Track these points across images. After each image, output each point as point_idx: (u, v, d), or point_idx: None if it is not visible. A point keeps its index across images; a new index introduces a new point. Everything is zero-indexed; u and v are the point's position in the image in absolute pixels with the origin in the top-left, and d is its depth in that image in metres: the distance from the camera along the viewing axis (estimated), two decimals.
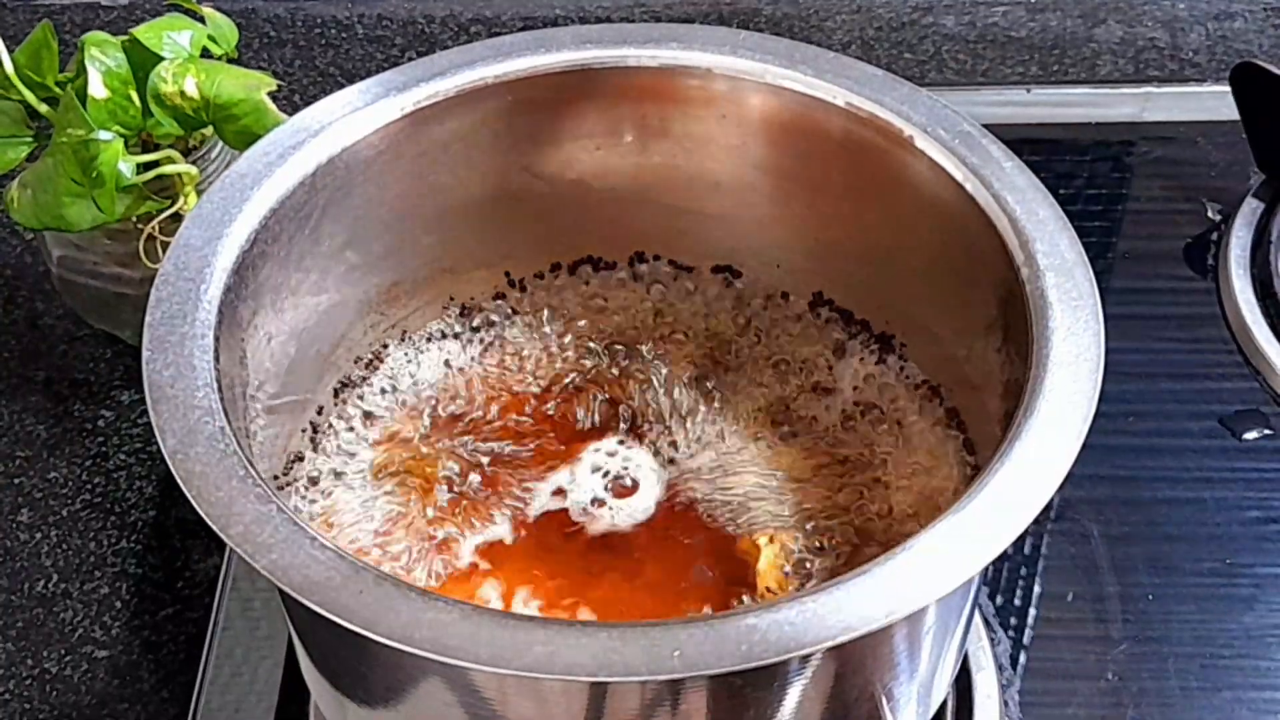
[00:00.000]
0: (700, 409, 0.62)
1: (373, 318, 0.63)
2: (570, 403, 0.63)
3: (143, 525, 0.73)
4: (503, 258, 0.66)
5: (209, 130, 0.71)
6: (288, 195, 0.56)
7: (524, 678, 0.43)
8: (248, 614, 0.68)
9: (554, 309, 0.66)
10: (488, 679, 0.46)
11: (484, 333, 0.65)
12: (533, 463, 0.60)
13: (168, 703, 0.66)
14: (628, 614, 0.55)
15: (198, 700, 0.65)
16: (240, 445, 0.48)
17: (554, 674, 0.42)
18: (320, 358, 0.61)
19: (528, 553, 0.57)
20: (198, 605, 0.69)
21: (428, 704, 0.48)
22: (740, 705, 0.47)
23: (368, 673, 0.50)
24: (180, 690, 0.66)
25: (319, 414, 0.61)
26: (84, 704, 0.66)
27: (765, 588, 0.56)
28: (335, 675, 0.53)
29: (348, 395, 0.62)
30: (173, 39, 0.71)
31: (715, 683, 0.45)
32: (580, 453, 0.61)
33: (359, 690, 0.52)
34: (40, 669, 0.67)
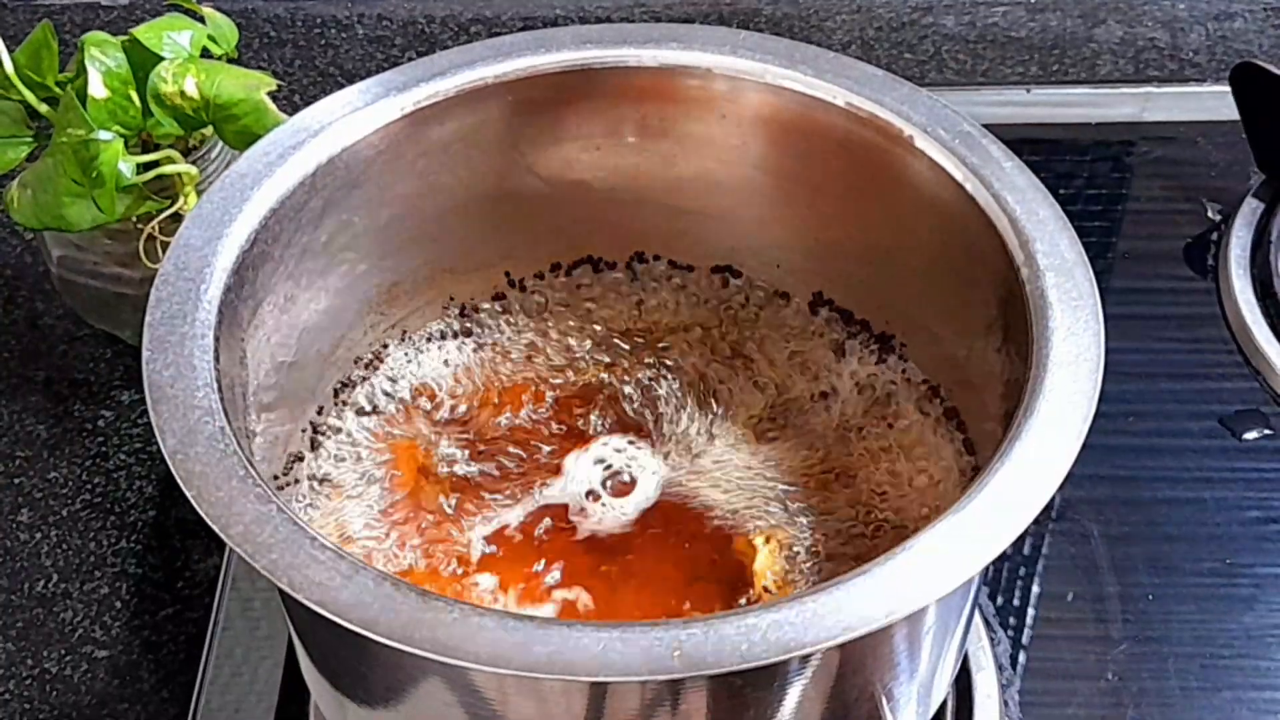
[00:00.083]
0: (699, 408, 0.62)
1: (373, 318, 0.63)
2: (569, 402, 0.63)
3: (143, 525, 0.73)
4: (503, 258, 0.66)
5: (209, 130, 0.71)
6: (288, 195, 0.56)
7: (524, 678, 0.43)
8: (248, 614, 0.68)
9: (554, 309, 0.66)
10: (488, 679, 0.46)
11: (484, 333, 0.65)
12: (532, 462, 0.60)
13: (168, 703, 0.66)
14: (625, 613, 0.55)
15: (198, 700, 0.65)
16: (240, 445, 0.48)
17: (554, 674, 0.42)
18: (320, 358, 0.61)
19: (527, 552, 0.57)
20: (198, 605, 0.69)
21: (428, 704, 0.48)
22: (740, 705, 0.47)
23: (368, 673, 0.50)
24: (180, 690, 0.66)
25: (319, 414, 0.61)
26: (84, 704, 0.66)
27: (762, 587, 0.56)
28: (335, 675, 0.53)
29: (348, 395, 0.62)
30: (173, 39, 0.71)
31: (715, 683, 0.45)
32: (579, 452, 0.61)
33: (359, 690, 0.52)
34: (40, 669, 0.67)
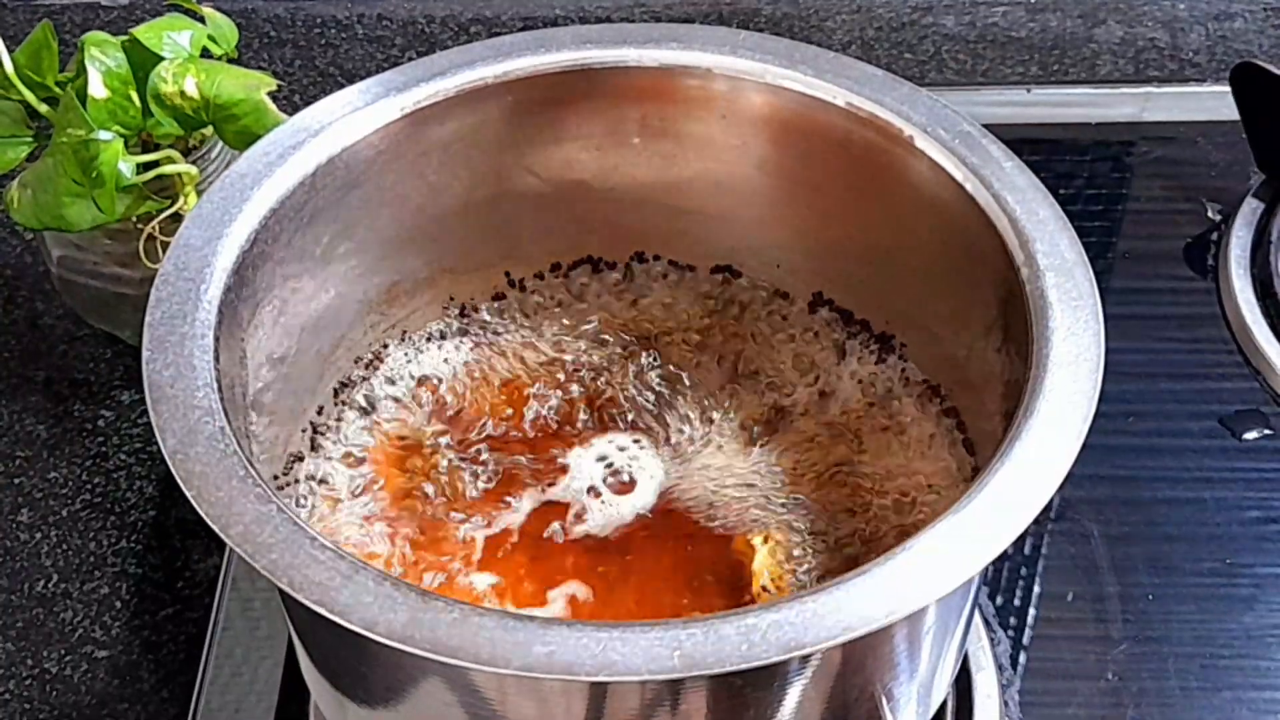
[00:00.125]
0: (699, 408, 0.62)
1: (373, 318, 0.63)
2: (569, 402, 0.63)
3: (143, 525, 0.73)
4: (503, 258, 0.66)
5: (209, 130, 0.71)
6: (288, 195, 0.56)
7: (524, 678, 0.43)
8: (248, 614, 0.68)
9: (554, 309, 0.66)
10: (488, 679, 0.46)
11: (484, 333, 0.65)
12: (532, 462, 0.60)
13: (168, 703, 0.66)
14: (624, 613, 0.55)
15: (198, 700, 0.65)
16: (240, 445, 0.48)
17: (554, 674, 0.42)
18: (320, 358, 0.61)
19: (527, 551, 0.57)
20: (198, 605, 0.69)
21: (428, 704, 0.48)
22: (740, 705, 0.47)
23: (368, 673, 0.50)
24: (180, 690, 0.66)
25: (319, 414, 0.61)
26: (84, 704, 0.66)
27: (760, 587, 0.56)
28: (335, 675, 0.53)
29: (348, 395, 0.62)
30: (173, 39, 0.71)
31: (715, 683, 0.45)
32: (579, 452, 0.61)
33: (359, 690, 0.52)
34: (40, 669, 0.67)
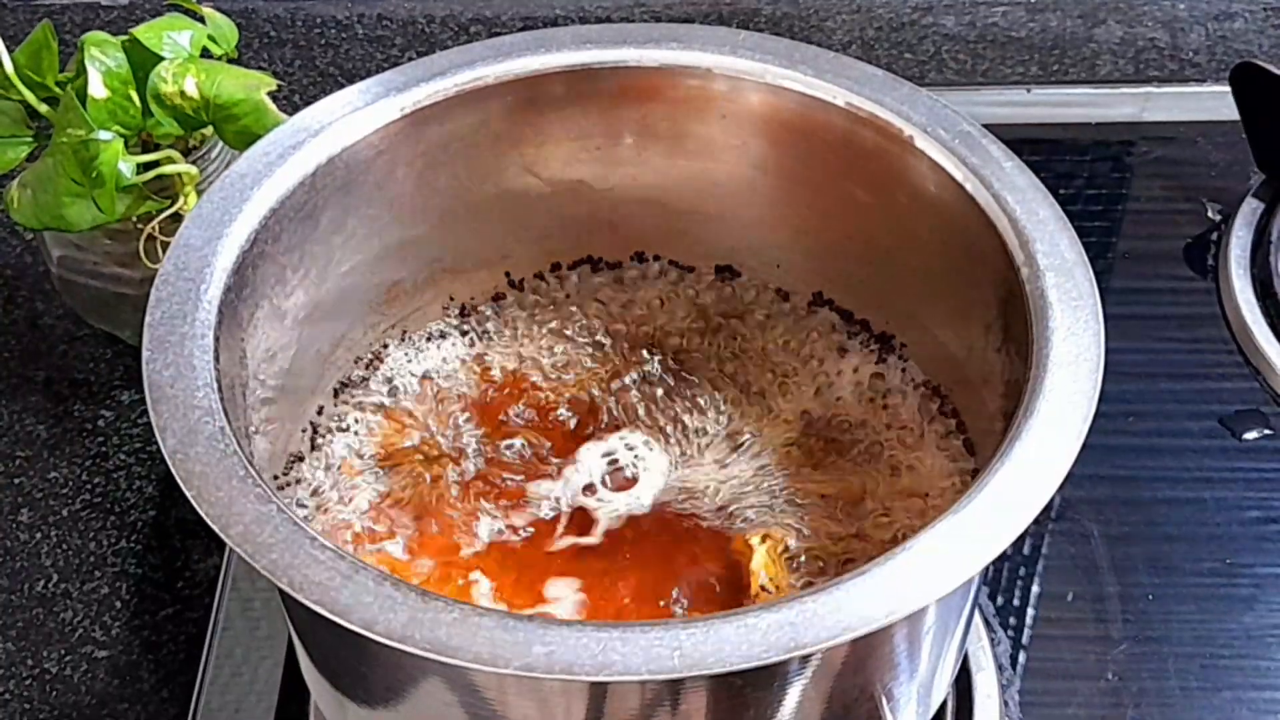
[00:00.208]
0: (698, 407, 0.62)
1: (373, 318, 0.63)
2: (569, 402, 0.63)
3: (143, 525, 0.73)
4: (503, 258, 0.66)
5: (209, 130, 0.71)
6: (288, 195, 0.56)
7: (524, 678, 0.43)
8: (248, 614, 0.68)
9: (554, 309, 0.66)
10: (488, 679, 0.46)
11: (484, 333, 0.65)
12: (531, 462, 0.60)
13: (168, 703, 0.66)
14: (623, 612, 0.55)
15: (198, 700, 0.65)
16: (240, 445, 0.48)
17: (554, 674, 0.42)
18: (320, 358, 0.61)
19: (527, 549, 0.57)
20: (198, 605, 0.69)
21: (428, 704, 0.48)
22: (740, 705, 0.47)
23: (368, 673, 0.50)
24: (180, 690, 0.66)
25: (319, 414, 0.61)
26: (84, 704, 0.66)
27: (759, 587, 0.56)
28: (335, 675, 0.53)
29: (348, 395, 0.62)
30: (173, 39, 0.71)
31: (715, 683, 0.45)
32: (578, 451, 0.61)
33: (359, 690, 0.52)
34: (40, 669, 0.67)
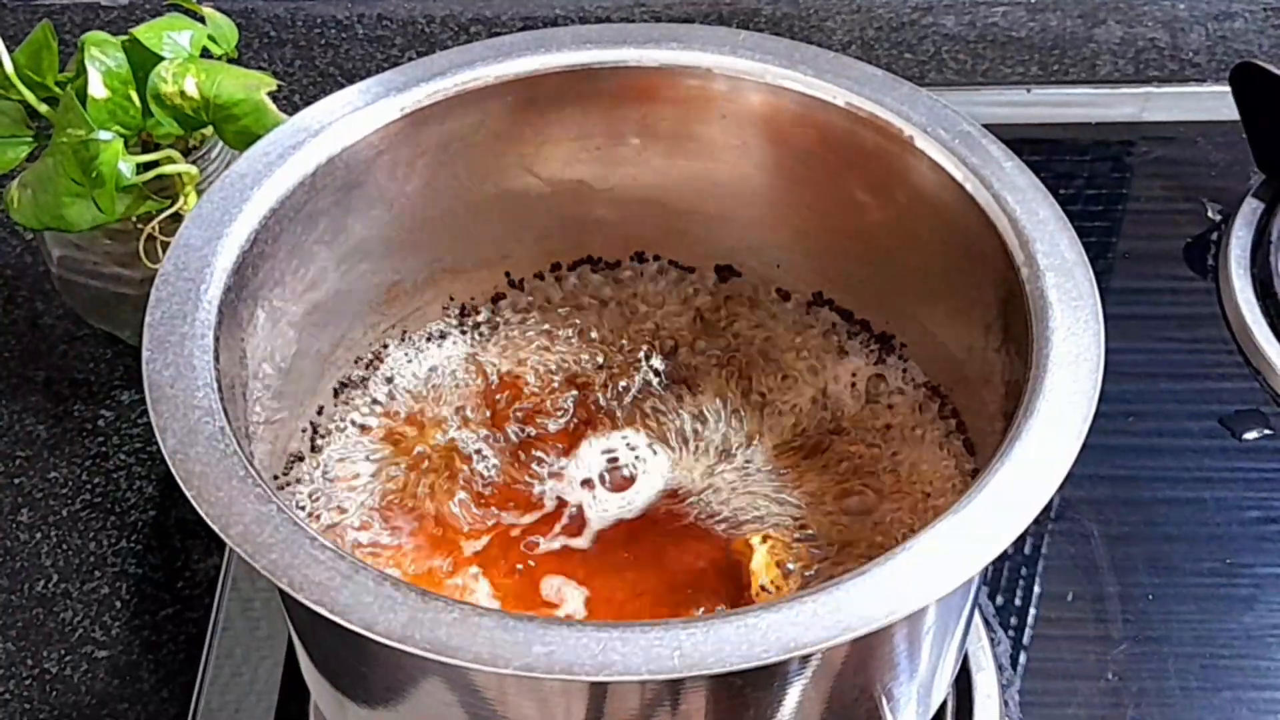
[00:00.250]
0: (698, 408, 0.62)
1: (373, 318, 0.63)
2: (568, 402, 0.63)
3: (143, 525, 0.73)
4: (503, 258, 0.66)
5: (209, 130, 0.71)
6: (288, 195, 0.56)
7: (524, 678, 0.43)
8: (248, 614, 0.68)
9: (554, 309, 0.66)
10: (488, 679, 0.46)
11: (484, 333, 0.65)
12: (531, 462, 0.60)
13: (168, 703, 0.66)
14: (623, 612, 0.55)
15: (198, 700, 0.65)
16: (240, 445, 0.48)
17: (554, 674, 0.42)
18: (320, 358, 0.61)
19: (527, 549, 0.57)
20: (198, 605, 0.69)
21: (428, 704, 0.48)
22: (740, 705, 0.47)
23: (368, 673, 0.50)
24: (180, 690, 0.66)
25: (319, 414, 0.61)
26: (84, 704, 0.66)
27: (759, 587, 0.56)
28: (335, 675, 0.53)
29: (348, 395, 0.62)
30: (173, 39, 0.71)
31: (715, 683, 0.45)
32: (578, 451, 0.61)
33: (359, 690, 0.52)
34: (40, 669, 0.67)
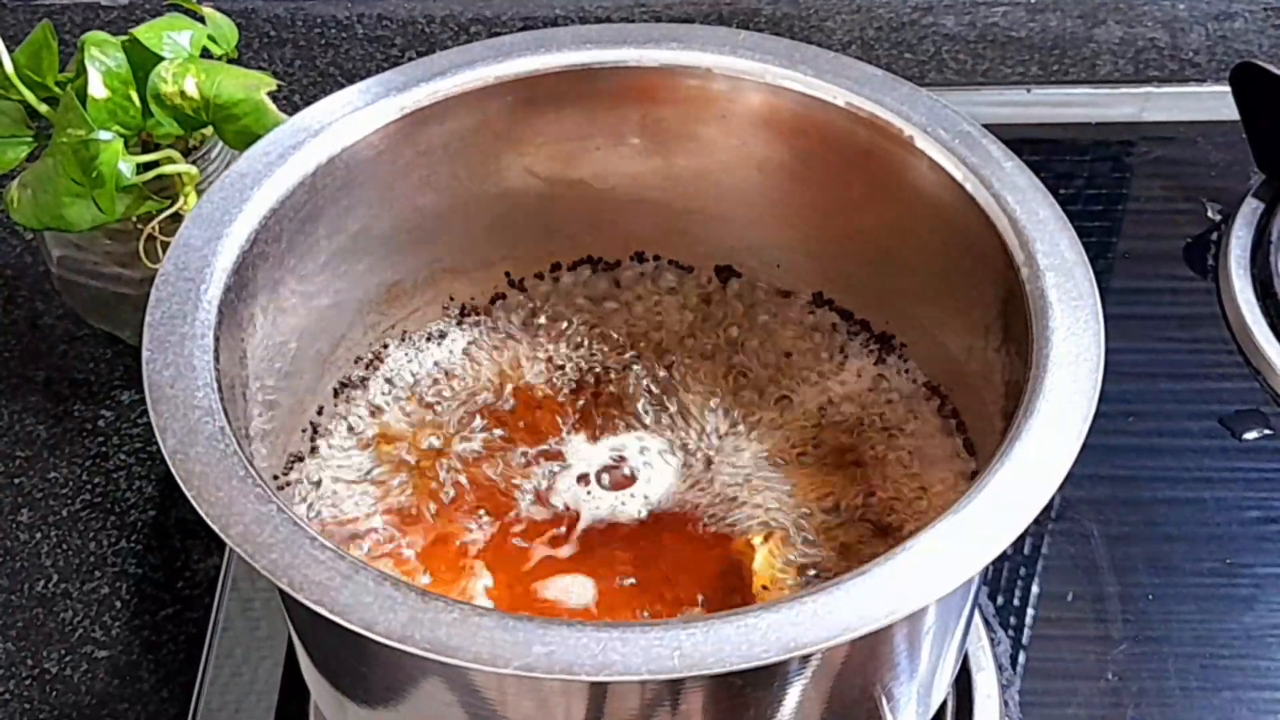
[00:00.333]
0: (697, 408, 0.62)
1: (373, 318, 0.63)
2: (569, 402, 0.63)
3: (143, 525, 0.73)
4: (503, 258, 0.66)
5: (209, 130, 0.71)
6: (288, 195, 0.56)
7: (524, 678, 0.43)
8: (248, 614, 0.68)
9: (554, 309, 0.66)
10: (487, 679, 0.46)
11: (484, 333, 0.65)
12: (531, 462, 0.60)
13: (168, 703, 0.66)
14: (624, 612, 0.55)
15: (198, 700, 0.65)
16: (240, 445, 0.48)
17: (554, 674, 0.42)
18: (320, 358, 0.61)
19: (527, 549, 0.57)
20: (198, 605, 0.69)
21: (428, 704, 0.48)
22: (740, 705, 0.47)
23: (368, 673, 0.50)
24: (180, 690, 0.66)
25: (319, 414, 0.61)
26: (84, 704, 0.66)
27: (760, 586, 0.56)
28: (335, 675, 0.53)
29: (348, 395, 0.62)
30: (173, 39, 0.71)
31: (715, 683, 0.45)
32: (578, 451, 0.61)
33: (359, 690, 0.52)
34: (40, 669, 0.67)
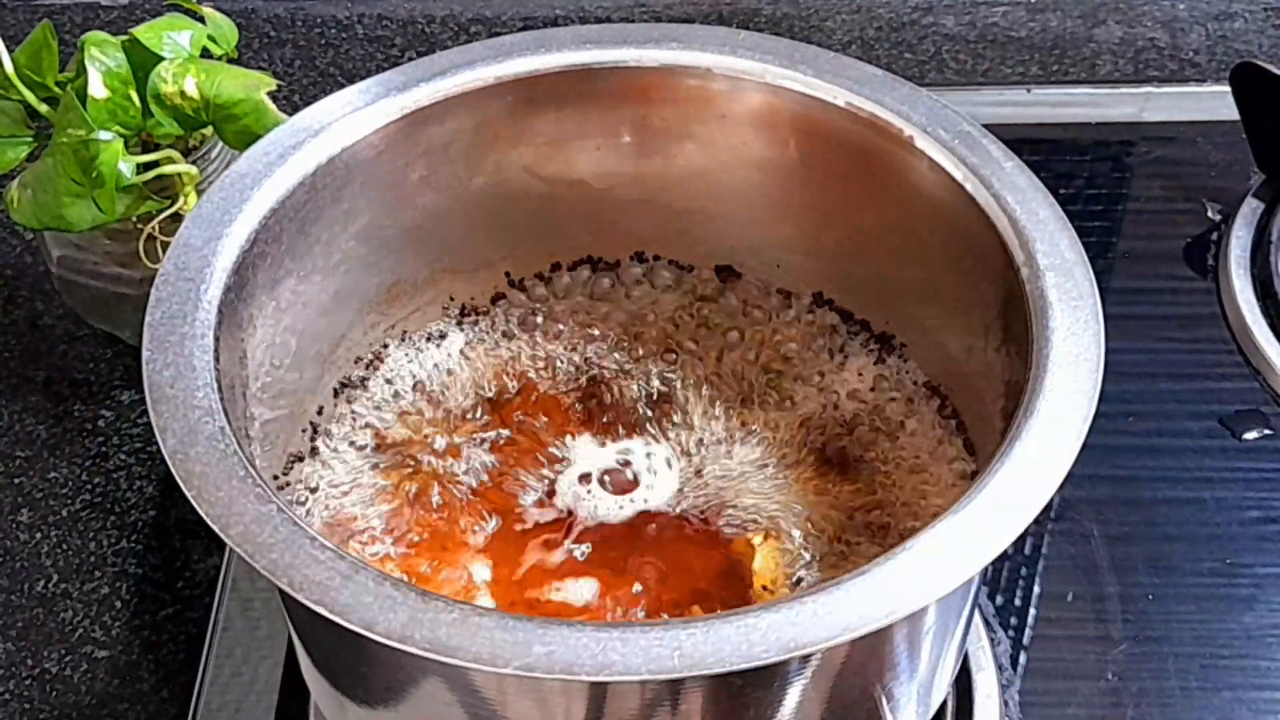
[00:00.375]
0: (698, 408, 0.62)
1: (373, 318, 0.63)
2: (569, 402, 0.63)
3: (143, 525, 0.73)
4: (503, 258, 0.66)
5: (209, 130, 0.71)
6: (288, 195, 0.56)
7: (524, 678, 0.43)
8: (248, 614, 0.68)
9: (554, 309, 0.66)
10: (487, 679, 0.46)
11: (484, 333, 0.65)
12: (531, 462, 0.60)
13: (168, 703, 0.66)
14: (620, 611, 0.55)
15: (198, 700, 0.65)
16: (240, 445, 0.48)
17: (554, 674, 0.42)
18: (320, 358, 0.61)
19: (527, 549, 0.57)
20: (198, 605, 0.69)
21: (428, 704, 0.48)
22: (740, 705, 0.47)
23: (368, 673, 0.50)
24: (180, 690, 0.66)
25: (319, 414, 0.61)
26: (84, 704, 0.66)
27: (761, 586, 0.56)
28: (335, 675, 0.53)
29: (348, 395, 0.62)
30: (173, 39, 0.71)
31: (715, 683, 0.45)
32: (578, 451, 0.61)
33: (359, 690, 0.52)
34: (40, 669, 0.67)
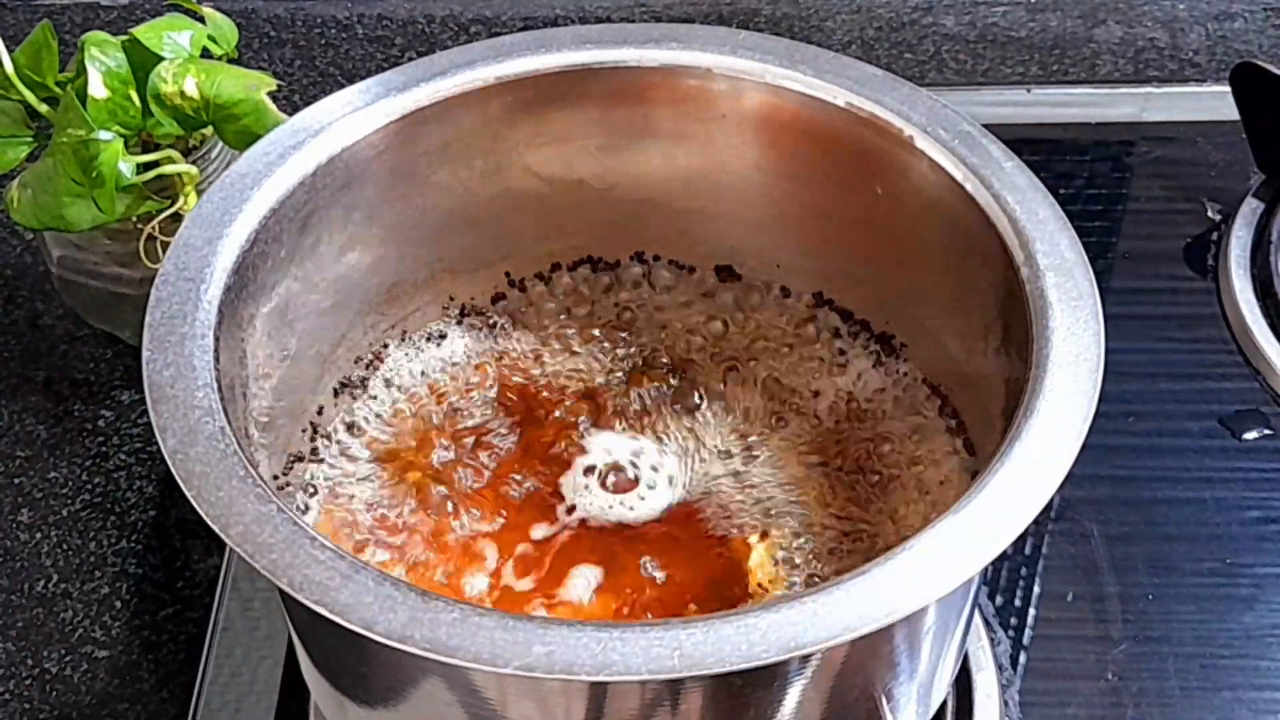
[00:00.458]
0: (697, 408, 0.62)
1: (373, 318, 0.63)
2: (569, 402, 0.63)
3: (143, 525, 0.73)
4: (503, 258, 0.66)
5: (209, 130, 0.71)
6: (288, 195, 0.56)
7: (524, 678, 0.43)
8: (248, 614, 0.68)
9: (554, 309, 0.66)
10: (487, 679, 0.46)
11: (484, 333, 0.65)
12: (531, 462, 0.60)
13: (168, 703, 0.66)
14: (620, 611, 0.55)
15: (198, 700, 0.65)
16: (240, 445, 0.48)
17: (554, 674, 0.42)
18: (320, 358, 0.61)
19: (526, 549, 0.57)
20: (198, 605, 0.69)
21: (428, 704, 0.48)
22: (740, 705, 0.47)
23: (368, 673, 0.50)
24: (180, 690, 0.66)
25: (319, 414, 0.61)
26: (84, 704, 0.66)
27: (757, 585, 0.56)
28: (335, 675, 0.53)
29: (348, 395, 0.62)
30: (173, 39, 0.71)
31: (715, 683, 0.45)
32: (579, 451, 0.61)
33: (359, 690, 0.52)
34: (40, 669, 0.67)
